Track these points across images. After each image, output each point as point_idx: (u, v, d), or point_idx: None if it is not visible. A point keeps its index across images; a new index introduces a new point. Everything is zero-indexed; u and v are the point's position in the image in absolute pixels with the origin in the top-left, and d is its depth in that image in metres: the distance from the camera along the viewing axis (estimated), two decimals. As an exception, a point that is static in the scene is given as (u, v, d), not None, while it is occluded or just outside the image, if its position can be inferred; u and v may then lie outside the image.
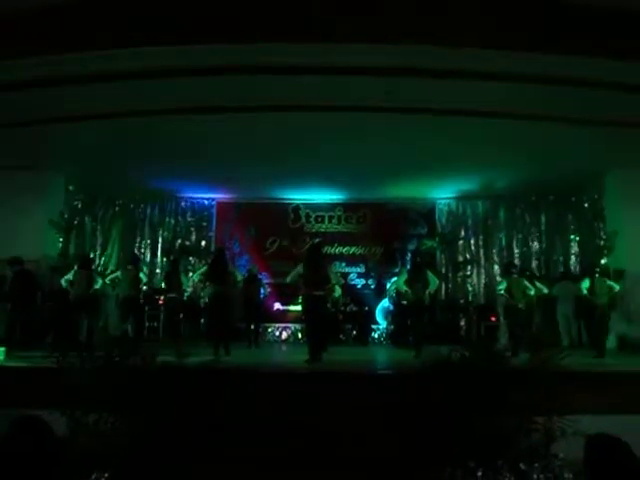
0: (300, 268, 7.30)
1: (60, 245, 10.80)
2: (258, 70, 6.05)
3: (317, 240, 11.44)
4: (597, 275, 8.43)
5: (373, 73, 6.12)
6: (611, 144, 8.50)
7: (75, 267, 8.90)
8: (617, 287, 8.46)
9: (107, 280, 9.53)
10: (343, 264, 12.62)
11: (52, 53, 5.52)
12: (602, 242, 10.50)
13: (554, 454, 3.88)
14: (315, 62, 5.96)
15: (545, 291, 9.22)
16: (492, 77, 6.13)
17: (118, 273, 9.40)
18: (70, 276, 8.56)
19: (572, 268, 11.51)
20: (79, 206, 11.71)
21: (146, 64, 5.86)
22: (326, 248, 12.19)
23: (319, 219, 12.93)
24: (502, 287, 8.65)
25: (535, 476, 3.71)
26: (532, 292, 8.67)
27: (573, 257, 11.68)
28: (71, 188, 11.28)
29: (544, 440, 3.93)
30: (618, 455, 2.02)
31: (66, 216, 10.92)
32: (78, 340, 8.19)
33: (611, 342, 8.90)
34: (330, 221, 12.94)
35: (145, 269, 11.95)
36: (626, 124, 7.43)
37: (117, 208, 12.62)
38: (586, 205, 11.37)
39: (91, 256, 11.12)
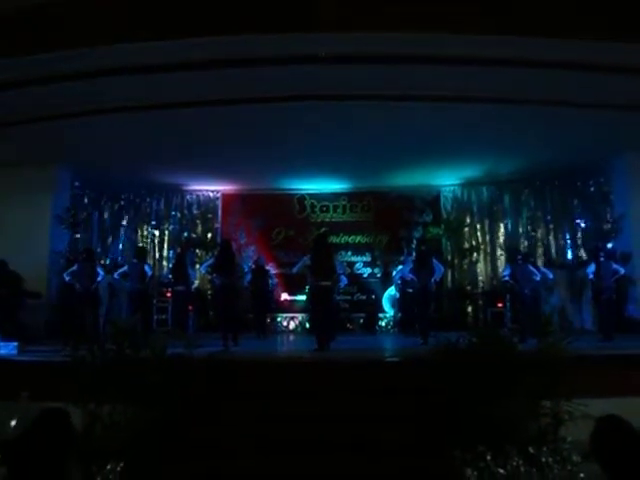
0: (307, 259, 7.34)
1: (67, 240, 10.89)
2: (259, 62, 6.05)
3: (323, 230, 11.45)
4: (602, 259, 8.42)
5: (376, 61, 6.10)
6: (618, 127, 8.44)
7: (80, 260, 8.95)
8: (622, 270, 8.44)
9: (116, 275, 9.59)
10: (349, 253, 12.65)
11: (59, 48, 5.52)
12: (609, 226, 10.47)
13: (562, 437, 3.90)
14: (314, 51, 5.95)
15: (550, 276, 9.22)
16: (497, 63, 6.11)
17: (125, 267, 9.46)
18: (74, 270, 8.62)
19: (577, 253, 11.48)
20: (85, 201, 11.77)
21: (150, 59, 5.88)
22: (332, 238, 12.20)
23: (324, 209, 12.94)
24: (507, 273, 8.66)
25: (544, 459, 3.73)
26: (537, 278, 8.67)
27: (579, 241, 11.63)
28: (77, 184, 11.35)
29: (552, 424, 3.95)
30: (623, 436, 2.04)
31: (73, 211, 10.99)
32: (87, 333, 8.27)
33: (619, 325, 8.90)
34: (335, 211, 12.95)
35: (152, 262, 12.04)
36: (633, 107, 7.37)
37: (123, 202, 12.68)
38: (592, 189, 11.32)
39: (95, 250, 11.18)
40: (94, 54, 5.68)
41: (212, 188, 12.88)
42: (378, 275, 12.47)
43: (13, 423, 4.33)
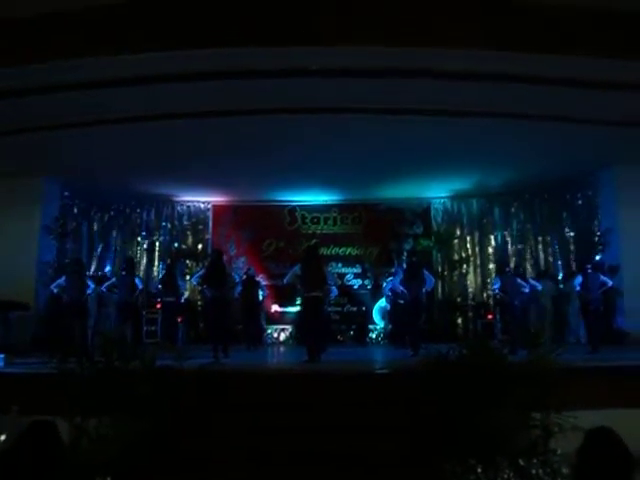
0: (297, 269, 7.33)
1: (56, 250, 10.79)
2: (255, 74, 6.09)
3: (314, 241, 11.47)
4: (589, 271, 8.51)
5: (368, 75, 6.17)
6: (605, 142, 8.58)
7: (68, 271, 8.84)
8: (610, 282, 8.53)
9: (104, 288, 9.47)
10: (339, 265, 12.65)
11: (52, 59, 5.52)
12: (597, 238, 10.58)
13: (552, 449, 3.91)
14: (308, 65, 6.01)
15: (539, 288, 9.29)
16: (491, 78, 6.20)
17: (114, 279, 9.38)
18: (61, 281, 8.52)
19: (566, 265, 11.57)
20: (75, 211, 11.69)
21: (142, 70, 5.89)
22: (322, 249, 12.26)
23: (315, 220, 12.96)
24: (497, 285, 8.73)
25: (534, 471, 3.74)
26: (527, 290, 8.74)
27: (567, 254, 11.74)
28: (67, 194, 11.28)
29: (542, 436, 3.96)
30: (609, 447, 2.05)
31: (62, 221, 10.90)
32: (76, 345, 8.16)
33: (607, 337, 8.96)
34: (326, 222, 12.98)
35: (141, 273, 11.97)
36: (620, 122, 7.50)
37: (113, 213, 12.62)
38: (580, 202, 11.46)
39: (85, 261, 11.08)
40: (85, 65, 5.68)
41: (203, 199, 12.86)
42: (368, 287, 12.48)
43: (2, 437, 4.27)
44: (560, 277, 11.36)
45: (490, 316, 10.80)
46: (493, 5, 5.50)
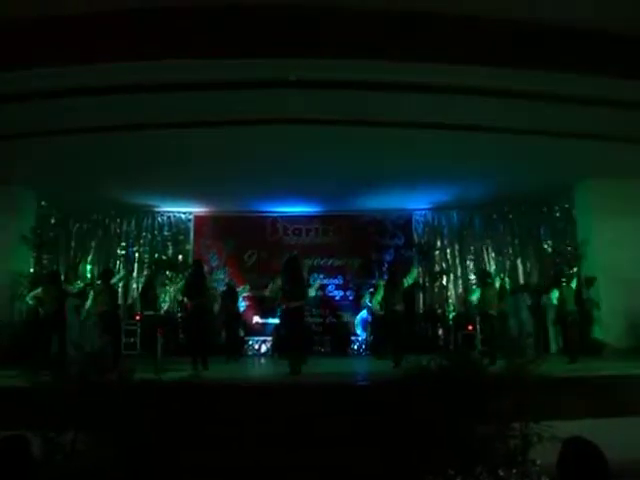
0: (279, 281, 7.33)
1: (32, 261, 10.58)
2: (230, 85, 6.10)
3: (294, 253, 11.45)
4: (564, 284, 8.65)
5: (345, 87, 6.23)
6: (581, 156, 8.76)
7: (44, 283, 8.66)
8: (585, 294, 8.68)
9: (82, 300, 9.29)
10: (321, 276, 12.63)
11: (26, 66, 5.45)
12: (573, 251, 10.76)
13: (531, 459, 3.93)
14: (286, 76, 6.03)
15: (518, 301, 9.43)
16: (463, 91, 6.29)
17: (91, 291, 9.21)
18: (37, 292, 8.35)
19: (543, 276, 11.73)
20: (52, 221, 11.50)
21: (119, 79, 5.85)
22: (304, 261, 12.24)
23: (297, 231, 12.96)
24: (475, 296, 8.83)
25: (513, 482, 3.76)
26: (506, 301, 8.87)
27: (542, 265, 11.89)
28: (44, 203, 11.09)
29: (521, 446, 3.99)
30: (588, 457, 2.08)
31: (39, 232, 10.70)
32: (52, 358, 7.98)
33: (584, 348, 9.08)
34: (307, 234, 12.98)
35: (120, 284, 11.79)
36: (595, 136, 7.68)
37: (92, 223, 12.43)
38: (557, 214, 11.66)
39: (61, 272, 10.90)
40: (58, 73, 5.61)
41: (184, 210, 12.78)
42: (350, 298, 12.48)
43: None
44: (537, 289, 11.50)
45: (470, 327, 10.86)
46: (462, 21, 5.57)
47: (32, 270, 10.41)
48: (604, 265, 9.82)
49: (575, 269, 10.48)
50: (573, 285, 8.78)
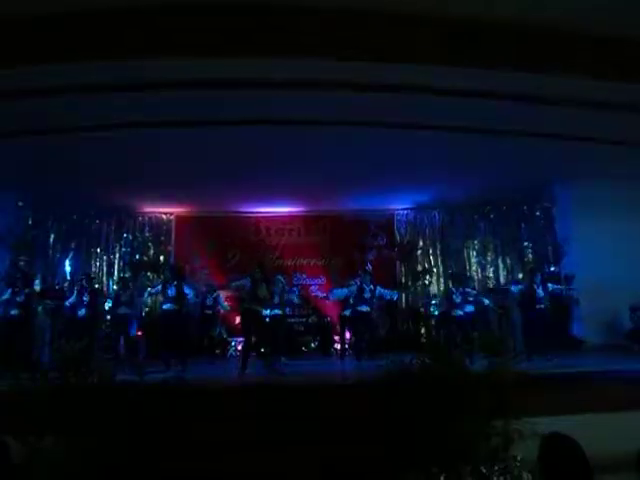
0: (247, 281, 7.53)
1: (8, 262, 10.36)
2: (216, 84, 6.06)
3: (265, 258, 11.58)
4: (539, 280, 8.76)
5: (324, 87, 6.24)
6: (561, 157, 8.90)
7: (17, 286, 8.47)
8: (563, 292, 8.84)
9: (59, 302, 9.15)
10: (304, 276, 12.63)
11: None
12: (553, 249, 10.93)
13: (513, 456, 3.98)
14: (261, 77, 6.02)
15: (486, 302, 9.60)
16: (448, 93, 6.35)
17: (73, 296, 9.07)
18: (6, 296, 8.19)
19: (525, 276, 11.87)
20: (29, 222, 11.28)
21: (95, 78, 5.76)
22: (287, 260, 12.47)
23: (279, 231, 12.92)
24: (456, 295, 8.96)
25: (495, 478, 3.80)
26: (485, 301, 9.08)
27: (523, 265, 12.03)
28: (21, 204, 10.88)
29: (503, 443, 4.03)
30: (568, 452, 2.11)
31: (15, 232, 10.48)
32: (28, 361, 7.84)
33: (564, 344, 9.23)
34: (290, 234, 12.95)
35: (101, 286, 11.64)
36: (574, 137, 7.81)
37: (70, 224, 12.22)
38: (538, 214, 11.82)
39: (40, 273, 10.72)
40: (36, 71, 5.52)
41: (165, 210, 12.64)
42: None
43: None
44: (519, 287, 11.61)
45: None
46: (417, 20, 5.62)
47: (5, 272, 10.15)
48: (583, 263, 9.98)
49: (553, 268, 10.65)
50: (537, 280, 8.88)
